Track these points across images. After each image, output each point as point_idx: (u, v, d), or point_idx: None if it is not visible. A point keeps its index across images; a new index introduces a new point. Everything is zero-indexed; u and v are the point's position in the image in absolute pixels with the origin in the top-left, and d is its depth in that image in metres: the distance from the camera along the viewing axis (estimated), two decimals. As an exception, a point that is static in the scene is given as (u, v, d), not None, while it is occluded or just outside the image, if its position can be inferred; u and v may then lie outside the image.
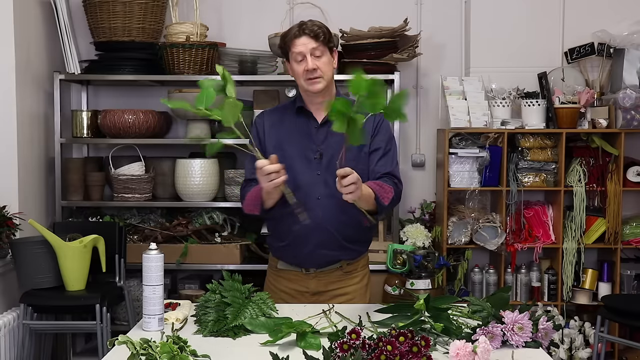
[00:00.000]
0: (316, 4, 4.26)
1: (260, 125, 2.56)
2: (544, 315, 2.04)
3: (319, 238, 2.46)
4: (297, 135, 2.49)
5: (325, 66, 2.42)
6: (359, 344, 1.74)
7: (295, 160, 2.45)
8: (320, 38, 2.40)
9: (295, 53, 2.41)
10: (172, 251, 3.92)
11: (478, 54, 4.24)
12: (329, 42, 2.44)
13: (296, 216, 2.26)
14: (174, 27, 4.04)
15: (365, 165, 2.47)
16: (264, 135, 2.53)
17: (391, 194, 2.41)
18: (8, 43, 3.66)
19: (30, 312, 3.47)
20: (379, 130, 2.51)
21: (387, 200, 2.40)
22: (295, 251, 2.51)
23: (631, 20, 4.12)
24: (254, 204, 2.45)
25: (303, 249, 2.49)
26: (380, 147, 2.50)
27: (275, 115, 2.57)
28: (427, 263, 2.64)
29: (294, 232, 2.47)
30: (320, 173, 2.44)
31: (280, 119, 2.55)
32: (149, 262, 2.12)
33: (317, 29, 2.41)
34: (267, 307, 2.19)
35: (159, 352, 1.77)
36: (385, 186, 2.41)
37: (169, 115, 4.30)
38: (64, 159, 4.10)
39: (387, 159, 2.51)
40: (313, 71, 2.40)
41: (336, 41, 4.05)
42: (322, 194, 2.42)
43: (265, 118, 2.58)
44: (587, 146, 4.06)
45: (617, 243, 3.99)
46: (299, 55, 2.41)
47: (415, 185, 4.40)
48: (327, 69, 2.43)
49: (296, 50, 2.41)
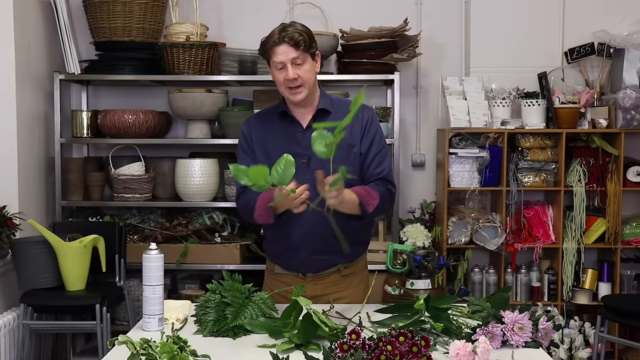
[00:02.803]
0: (316, 4, 4.26)
1: (247, 132, 2.51)
2: (544, 315, 2.04)
3: (313, 244, 2.42)
4: (282, 140, 2.44)
5: (306, 74, 2.36)
6: (359, 344, 1.74)
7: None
8: (301, 46, 2.33)
9: (275, 62, 2.36)
10: (172, 251, 3.92)
11: (478, 54, 4.24)
12: (309, 48, 2.37)
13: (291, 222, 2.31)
14: (174, 27, 4.04)
15: (356, 167, 2.42)
16: (252, 142, 2.49)
17: (376, 201, 2.35)
18: (8, 43, 3.67)
19: (30, 312, 3.48)
20: (368, 129, 2.45)
21: (371, 208, 2.35)
22: (290, 257, 2.49)
23: (631, 20, 4.13)
24: (267, 215, 2.38)
25: (298, 256, 2.46)
26: (372, 148, 2.44)
27: (260, 121, 2.52)
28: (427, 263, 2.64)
29: (289, 239, 2.44)
30: (309, 178, 2.36)
31: (265, 124, 2.50)
32: (149, 262, 2.12)
33: (297, 36, 2.32)
34: (267, 307, 2.19)
35: (159, 352, 1.77)
36: (372, 192, 2.35)
37: (169, 115, 4.31)
38: (64, 159, 4.10)
39: (378, 159, 2.45)
40: (294, 80, 2.35)
41: (336, 41, 4.05)
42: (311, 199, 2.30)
43: (251, 124, 2.53)
44: (587, 146, 4.06)
45: (617, 243, 3.99)
46: (279, 64, 2.36)
47: (415, 185, 4.41)
48: (309, 76, 2.37)
49: (277, 59, 2.35)
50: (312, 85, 2.41)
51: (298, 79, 2.35)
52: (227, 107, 4.14)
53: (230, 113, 4.07)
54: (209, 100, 4.05)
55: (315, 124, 2.06)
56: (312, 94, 2.44)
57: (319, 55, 2.45)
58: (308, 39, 2.36)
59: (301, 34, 2.34)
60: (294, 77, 2.35)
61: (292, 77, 2.34)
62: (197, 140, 4.12)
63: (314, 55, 2.41)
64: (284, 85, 2.38)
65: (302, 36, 2.34)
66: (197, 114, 4.08)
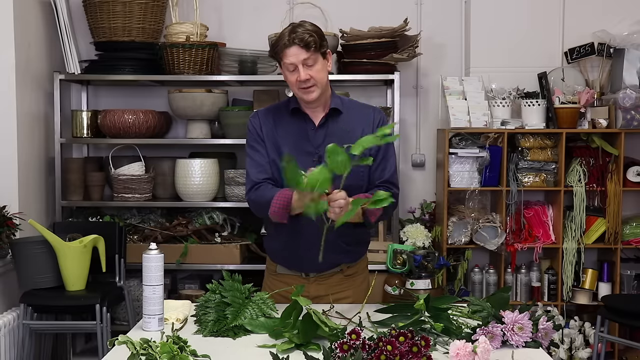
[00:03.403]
0: (316, 4, 4.26)
1: (258, 125, 2.48)
2: (544, 315, 2.04)
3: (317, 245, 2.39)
4: (293, 138, 2.44)
5: (318, 74, 2.35)
6: (359, 344, 1.74)
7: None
8: (312, 47, 2.31)
9: (287, 64, 2.35)
10: (172, 251, 3.92)
11: (478, 54, 4.24)
12: (320, 47, 2.35)
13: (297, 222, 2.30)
14: (174, 27, 4.04)
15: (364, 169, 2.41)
16: (262, 135, 2.46)
17: (380, 211, 2.36)
18: (8, 43, 3.67)
19: (30, 312, 3.48)
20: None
21: (374, 218, 2.40)
22: (295, 256, 2.48)
23: (631, 20, 4.13)
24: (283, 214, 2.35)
25: (303, 255, 2.44)
26: (380, 151, 2.44)
27: (270, 116, 2.50)
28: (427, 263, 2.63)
29: (294, 238, 2.43)
30: None
31: (275, 120, 2.48)
32: (149, 262, 2.12)
33: (307, 37, 2.30)
34: (267, 307, 2.19)
35: (159, 352, 1.77)
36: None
37: (169, 115, 4.31)
38: (64, 159, 4.10)
39: (384, 164, 2.46)
40: (306, 81, 2.34)
41: (336, 41, 4.05)
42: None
43: (261, 118, 2.50)
44: (587, 146, 4.06)
45: (617, 243, 3.99)
46: (290, 65, 2.35)
47: (415, 185, 4.41)
48: (321, 76, 2.37)
49: (287, 61, 2.34)
50: (325, 84, 2.40)
51: (310, 79, 2.34)
52: (227, 107, 4.14)
53: (230, 113, 4.07)
54: (209, 100, 4.05)
55: (353, 148, 2.07)
56: (324, 93, 2.43)
57: (330, 53, 2.44)
58: (318, 39, 2.34)
59: (311, 34, 2.32)
60: (306, 78, 2.34)
61: (304, 78, 2.33)
62: (197, 140, 4.12)
63: (325, 54, 2.40)
64: (297, 87, 2.37)
65: (312, 37, 2.32)
66: (197, 114, 4.08)
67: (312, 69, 2.34)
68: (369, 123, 2.44)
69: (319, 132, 2.43)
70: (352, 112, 2.46)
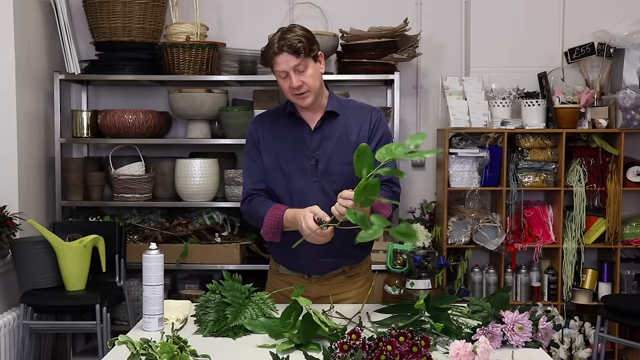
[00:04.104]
0: (316, 4, 4.26)
1: (255, 132, 2.49)
2: (544, 315, 2.04)
3: (319, 247, 2.37)
4: (290, 142, 2.44)
5: (310, 79, 2.33)
6: (359, 344, 1.74)
7: (291, 167, 2.40)
8: (302, 53, 2.29)
9: (278, 71, 2.34)
10: (172, 251, 3.92)
11: (478, 54, 4.24)
12: (310, 52, 2.33)
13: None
14: (174, 27, 4.04)
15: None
16: (259, 143, 2.47)
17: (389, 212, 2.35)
18: (8, 43, 3.67)
19: (30, 312, 3.48)
20: (375, 132, 2.45)
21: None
22: (296, 259, 2.48)
23: (631, 20, 4.13)
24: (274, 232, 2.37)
25: (304, 258, 2.44)
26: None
27: (268, 121, 2.51)
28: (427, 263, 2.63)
29: (293, 243, 2.43)
30: (317, 180, 2.38)
31: (273, 124, 2.49)
32: (149, 262, 2.12)
33: (296, 44, 2.27)
34: (267, 307, 2.19)
35: (159, 352, 1.77)
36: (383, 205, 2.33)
37: (169, 115, 4.31)
38: (64, 159, 4.10)
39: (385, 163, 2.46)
40: (299, 87, 2.33)
41: (336, 41, 4.05)
42: (319, 202, 2.32)
43: (258, 125, 2.50)
44: (587, 146, 4.06)
45: (617, 243, 3.99)
46: (282, 73, 2.33)
47: (415, 185, 4.41)
48: (314, 80, 2.35)
49: (278, 68, 2.33)
50: (318, 88, 2.38)
51: (303, 85, 2.33)
52: (227, 107, 4.14)
53: (230, 113, 4.07)
54: (209, 100, 4.05)
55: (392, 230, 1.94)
56: (319, 97, 2.42)
57: (322, 55, 2.41)
58: (307, 44, 2.31)
59: (300, 39, 2.29)
60: (298, 85, 2.32)
61: (296, 85, 2.32)
62: (197, 140, 4.12)
63: (317, 57, 2.37)
64: (290, 93, 2.36)
65: (301, 42, 2.29)
66: (197, 114, 4.08)
67: (304, 75, 2.33)
68: (366, 123, 2.43)
69: (315, 136, 2.42)
70: (349, 113, 2.45)
